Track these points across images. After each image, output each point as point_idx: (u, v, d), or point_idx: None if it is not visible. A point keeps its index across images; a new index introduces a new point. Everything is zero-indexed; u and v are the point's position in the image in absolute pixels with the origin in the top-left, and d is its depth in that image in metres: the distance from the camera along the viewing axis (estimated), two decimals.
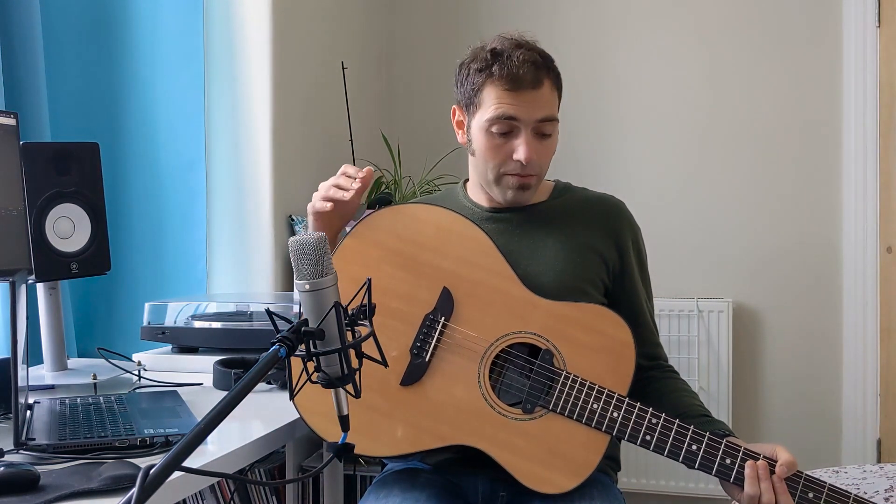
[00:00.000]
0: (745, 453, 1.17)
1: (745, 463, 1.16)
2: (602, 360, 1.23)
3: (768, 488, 1.13)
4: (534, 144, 1.32)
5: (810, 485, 1.14)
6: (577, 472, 1.19)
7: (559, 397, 1.21)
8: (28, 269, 1.40)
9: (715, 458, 1.17)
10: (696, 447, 1.18)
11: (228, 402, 0.79)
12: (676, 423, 1.19)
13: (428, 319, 1.25)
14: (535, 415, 1.21)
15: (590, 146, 2.90)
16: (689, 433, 1.18)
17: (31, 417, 1.18)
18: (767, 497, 1.13)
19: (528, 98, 1.30)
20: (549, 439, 1.20)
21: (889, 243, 2.64)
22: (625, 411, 1.20)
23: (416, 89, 3.04)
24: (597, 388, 1.21)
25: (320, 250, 0.92)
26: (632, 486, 2.72)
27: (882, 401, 2.65)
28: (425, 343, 1.24)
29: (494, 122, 1.32)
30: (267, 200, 2.26)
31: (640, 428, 1.19)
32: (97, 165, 1.57)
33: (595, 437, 1.20)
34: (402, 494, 1.25)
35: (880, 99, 2.62)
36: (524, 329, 1.25)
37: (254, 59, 2.24)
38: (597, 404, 1.20)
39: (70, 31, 1.95)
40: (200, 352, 1.69)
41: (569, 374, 1.22)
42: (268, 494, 2.12)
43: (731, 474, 1.16)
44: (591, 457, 1.20)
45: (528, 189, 1.37)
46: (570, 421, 1.20)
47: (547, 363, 1.23)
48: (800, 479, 1.15)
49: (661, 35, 2.83)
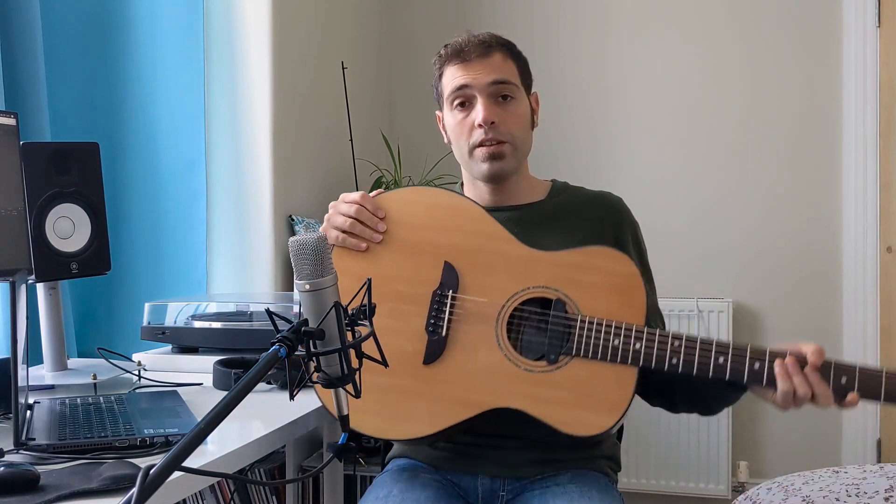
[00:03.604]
0: (772, 354, 1.17)
1: (773, 363, 1.16)
2: (613, 298, 1.24)
3: (801, 382, 1.14)
4: (492, 108, 1.34)
5: (841, 370, 1.14)
6: (612, 409, 1.20)
7: (580, 342, 1.22)
8: (28, 269, 1.40)
9: (743, 365, 1.17)
10: (722, 360, 1.18)
11: (228, 402, 0.79)
12: (699, 340, 1.20)
13: (436, 296, 1.27)
14: (560, 364, 1.22)
15: (590, 146, 2.90)
16: (713, 348, 1.18)
17: (31, 417, 1.18)
18: (803, 390, 1.13)
19: (476, 66, 1.35)
20: (579, 384, 1.21)
21: (889, 243, 2.64)
22: (646, 340, 1.20)
23: (416, 89, 3.04)
24: (614, 324, 1.21)
25: (320, 250, 0.92)
26: (632, 486, 2.72)
27: None
28: (439, 319, 1.26)
29: (452, 97, 1.37)
30: (267, 200, 2.25)
31: (664, 353, 1.19)
32: (97, 165, 1.57)
33: (623, 371, 1.21)
34: (402, 494, 1.25)
35: (880, 99, 2.62)
36: (531, 285, 1.26)
37: (254, 59, 2.24)
38: (617, 340, 1.21)
39: (70, 31, 1.95)
40: (200, 352, 1.69)
41: (584, 318, 1.22)
42: (268, 494, 2.12)
43: (762, 378, 1.16)
44: (623, 392, 1.20)
45: (500, 158, 1.36)
46: (596, 362, 1.21)
47: (560, 312, 1.24)
48: (830, 367, 1.15)
49: (662, 35, 2.83)
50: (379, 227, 1.31)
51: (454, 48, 1.38)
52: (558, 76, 2.90)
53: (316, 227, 2.41)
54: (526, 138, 1.42)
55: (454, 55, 1.37)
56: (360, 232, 1.31)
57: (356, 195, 1.32)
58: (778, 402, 1.16)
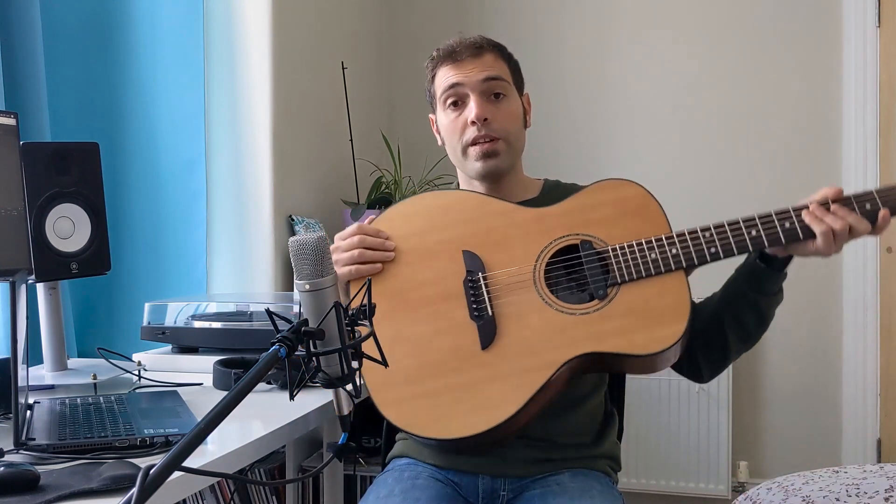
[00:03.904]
0: (796, 209, 1.22)
1: (801, 215, 1.21)
2: (631, 221, 1.27)
3: (833, 219, 1.18)
4: (485, 105, 1.36)
5: (862, 198, 1.20)
6: (678, 315, 1.21)
7: (619, 269, 1.24)
8: (28, 269, 1.40)
9: (776, 229, 1.21)
10: (755, 232, 1.22)
11: (228, 402, 0.79)
12: (726, 223, 1.23)
13: (468, 283, 1.27)
14: (610, 296, 1.23)
15: (590, 146, 2.90)
16: (741, 224, 1.22)
17: (31, 417, 1.18)
18: (838, 225, 1.17)
19: (468, 65, 1.38)
20: (636, 307, 1.22)
21: (889, 243, 2.64)
22: (679, 243, 1.23)
23: (417, 89, 3.02)
24: (644, 241, 1.24)
25: (320, 250, 0.92)
26: (632, 486, 2.72)
27: (882, 401, 2.66)
28: (479, 303, 1.26)
29: (445, 96, 1.40)
30: (267, 200, 2.25)
31: (700, 247, 1.23)
32: (97, 165, 1.57)
33: (671, 279, 1.23)
34: (403, 494, 1.25)
35: (880, 99, 2.62)
36: (552, 239, 1.29)
37: (254, 59, 2.24)
38: (653, 253, 1.23)
39: (70, 31, 1.95)
40: (200, 352, 1.69)
41: (614, 247, 1.25)
42: (268, 494, 2.12)
43: (798, 232, 1.20)
44: (679, 297, 1.22)
45: (494, 156, 1.38)
46: (642, 281, 1.23)
47: (590, 251, 1.26)
48: (850, 199, 1.20)
49: (662, 34, 2.83)
50: (387, 245, 1.30)
51: (446, 50, 1.41)
52: (558, 76, 2.90)
53: (316, 226, 2.41)
54: (519, 136, 1.43)
55: (446, 56, 1.40)
56: (371, 257, 1.30)
57: (351, 228, 1.32)
58: (821, 249, 1.19)
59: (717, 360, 1.36)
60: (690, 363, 1.35)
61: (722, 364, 1.37)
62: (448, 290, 1.27)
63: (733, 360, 1.37)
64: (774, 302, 1.32)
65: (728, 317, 1.31)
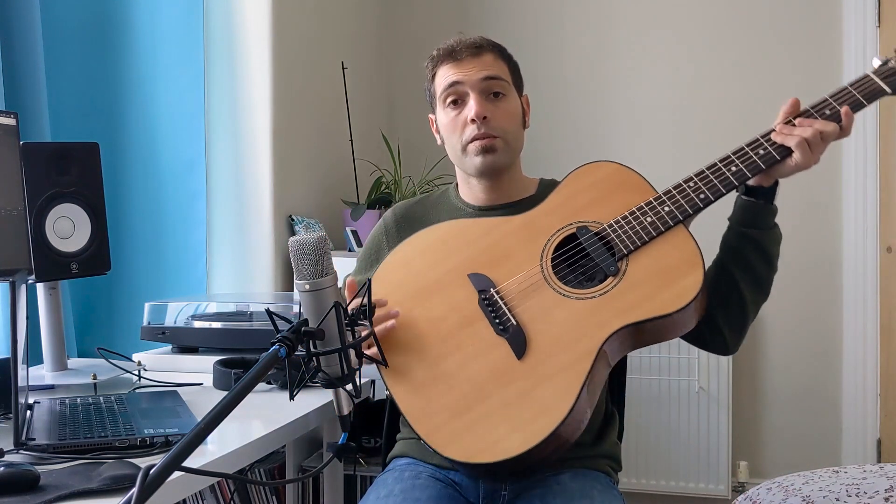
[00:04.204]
0: (764, 135, 1.26)
1: (771, 138, 1.25)
2: (617, 195, 1.30)
3: (803, 130, 1.23)
4: (484, 104, 1.38)
5: (819, 106, 1.27)
6: (693, 264, 1.22)
7: (621, 241, 1.25)
8: (28, 269, 1.40)
9: (752, 157, 1.25)
10: (734, 167, 1.26)
11: (228, 402, 0.79)
12: (705, 168, 1.27)
13: (483, 302, 1.26)
14: (622, 270, 1.24)
15: (589, 146, 2.90)
16: (719, 164, 1.26)
17: (31, 417, 1.18)
18: (809, 133, 1.23)
19: (468, 64, 1.40)
20: (650, 270, 1.23)
21: (889, 243, 2.64)
22: (669, 200, 1.26)
23: (417, 89, 3.01)
24: (635, 209, 1.27)
25: (320, 250, 0.92)
26: (632, 486, 2.72)
27: (882, 401, 2.66)
28: (501, 316, 1.25)
29: (445, 95, 1.41)
30: (267, 200, 2.25)
31: (689, 197, 1.26)
32: (97, 165, 1.57)
33: (673, 235, 1.25)
34: (403, 494, 1.25)
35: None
36: (549, 236, 1.30)
37: (254, 59, 2.24)
38: (648, 217, 1.26)
39: (70, 31, 1.95)
40: (200, 352, 1.69)
41: (610, 223, 1.27)
42: (268, 494, 2.12)
43: (774, 154, 1.25)
44: (687, 248, 1.24)
45: (493, 152, 1.39)
46: (647, 246, 1.25)
47: (588, 234, 1.27)
48: (808, 110, 1.27)
49: (662, 35, 2.83)
50: (391, 312, 1.26)
51: (446, 49, 1.42)
52: (558, 75, 2.90)
53: (316, 226, 2.41)
54: (518, 135, 1.44)
55: (446, 55, 1.42)
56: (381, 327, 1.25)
57: None
58: (800, 162, 1.24)
59: (736, 316, 1.34)
60: (712, 330, 1.34)
61: (742, 322, 1.34)
62: (466, 316, 1.26)
63: (752, 315, 1.35)
64: (773, 237, 1.34)
65: (734, 265, 1.32)
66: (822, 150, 1.25)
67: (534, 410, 1.16)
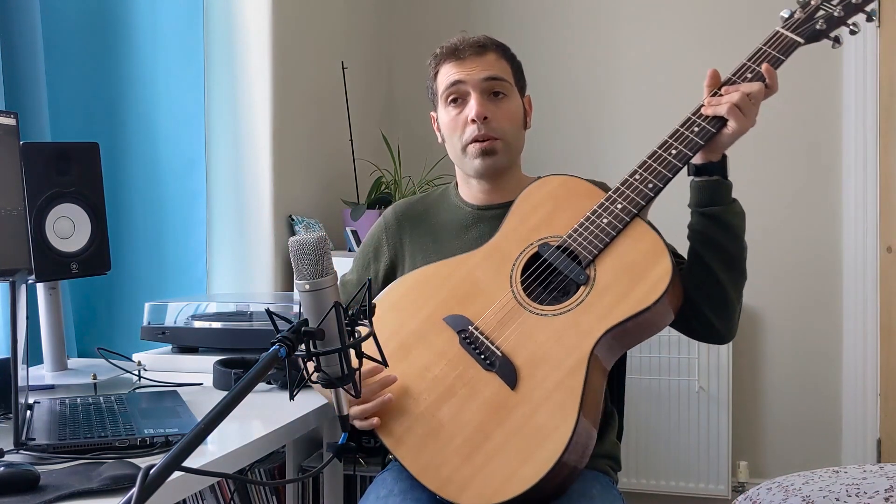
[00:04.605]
0: (695, 112, 1.29)
1: (702, 112, 1.28)
2: (569, 205, 1.31)
3: (730, 97, 1.25)
4: (485, 104, 1.39)
5: (739, 72, 1.30)
6: (658, 252, 1.23)
7: (584, 248, 1.25)
8: (28, 269, 1.40)
9: (689, 136, 1.27)
10: (674, 150, 1.27)
11: (228, 402, 0.79)
12: (646, 157, 1.28)
13: (464, 341, 1.26)
14: (591, 277, 1.24)
15: (589, 147, 2.90)
16: (659, 151, 1.28)
17: (31, 417, 1.18)
18: (737, 98, 1.24)
19: (471, 63, 1.40)
20: (619, 269, 1.23)
21: (889, 243, 2.64)
22: (620, 197, 1.27)
23: (417, 89, 3.01)
24: (589, 214, 1.27)
25: (320, 250, 0.92)
26: (632, 486, 2.72)
27: (882, 401, 2.65)
28: (485, 352, 1.24)
29: (447, 93, 1.42)
30: (267, 200, 2.25)
31: (638, 189, 1.26)
32: (97, 165, 1.57)
33: (632, 230, 1.26)
34: (403, 494, 1.25)
35: (880, 99, 2.62)
36: (513, 261, 1.30)
37: (254, 59, 2.24)
38: (604, 218, 1.26)
39: (70, 31, 1.95)
40: (200, 352, 1.69)
41: (569, 233, 1.27)
42: (268, 494, 2.12)
43: (709, 129, 1.27)
44: (649, 238, 1.25)
45: (492, 155, 1.40)
46: (610, 246, 1.25)
47: (549, 250, 1.28)
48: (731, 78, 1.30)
49: (660, 33, 2.83)
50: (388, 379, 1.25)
51: (449, 48, 1.42)
52: (558, 75, 2.89)
53: (316, 226, 2.41)
54: (518, 136, 1.44)
55: (449, 54, 1.42)
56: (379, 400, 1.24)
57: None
58: (737, 126, 1.25)
59: (718, 299, 1.32)
60: (699, 319, 1.33)
61: (725, 306, 1.33)
62: (451, 360, 1.26)
63: (733, 296, 1.33)
64: (733, 211, 1.33)
65: (702, 248, 1.31)
66: (755, 112, 1.26)
67: (539, 437, 1.14)
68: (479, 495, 1.13)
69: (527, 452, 1.13)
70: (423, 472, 1.18)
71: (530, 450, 1.14)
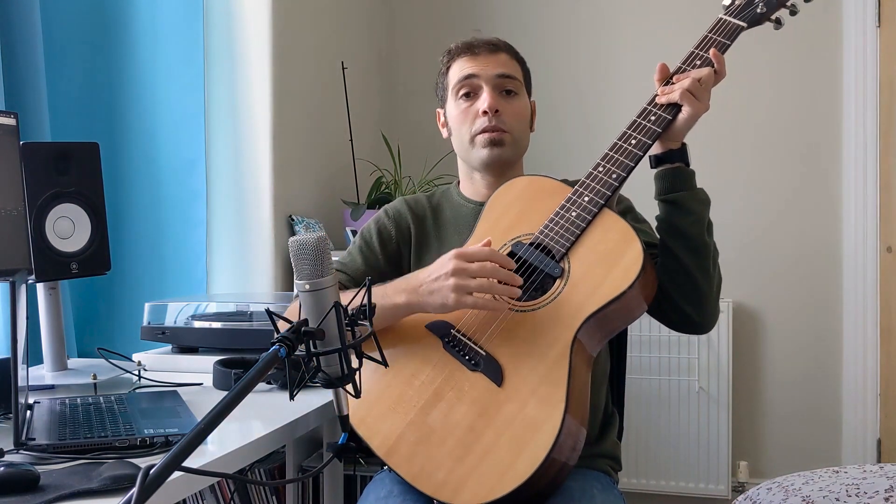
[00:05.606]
0: (650, 102, 1.31)
1: (656, 102, 1.30)
2: (538, 204, 1.32)
3: (682, 84, 1.27)
4: (497, 99, 1.42)
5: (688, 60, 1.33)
6: (627, 241, 1.24)
7: (556, 242, 1.27)
8: (28, 269, 1.40)
9: (646, 125, 1.29)
10: (634, 140, 1.29)
11: (228, 402, 0.79)
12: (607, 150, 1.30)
13: (448, 345, 1.26)
14: (566, 269, 1.25)
15: (589, 147, 2.89)
16: (619, 143, 1.29)
17: (31, 417, 1.18)
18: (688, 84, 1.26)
19: (484, 59, 1.44)
20: (591, 259, 1.25)
21: (889, 243, 2.64)
22: (586, 190, 1.29)
23: (417, 89, 3.03)
24: (558, 209, 1.29)
25: (320, 250, 0.92)
26: (632, 486, 2.72)
27: (882, 401, 2.65)
28: (468, 352, 1.24)
29: (459, 87, 1.45)
30: (267, 200, 2.25)
31: (602, 180, 1.28)
32: (97, 165, 1.57)
33: (601, 220, 1.27)
34: (403, 495, 1.25)
35: (880, 99, 2.62)
36: None
37: (254, 59, 2.24)
38: (573, 211, 1.28)
39: (70, 31, 1.95)
40: (200, 352, 1.69)
41: (540, 230, 1.29)
42: (268, 494, 2.12)
43: (665, 116, 1.28)
44: (617, 227, 1.26)
45: (500, 145, 1.42)
46: (581, 239, 1.26)
47: (522, 248, 1.29)
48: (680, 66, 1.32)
49: (660, 33, 2.83)
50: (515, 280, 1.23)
51: (464, 44, 1.47)
52: (559, 74, 2.89)
53: (316, 226, 2.41)
54: (525, 135, 1.47)
55: (464, 49, 1.47)
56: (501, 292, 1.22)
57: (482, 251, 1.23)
58: (691, 111, 1.27)
59: (686, 286, 1.31)
60: (673, 307, 1.33)
61: (694, 292, 1.32)
62: (437, 364, 1.26)
63: (702, 282, 1.31)
64: (698, 199, 1.32)
65: (668, 235, 1.31)
66: (707, 96, 1.28)
67: (530, 430, 1.15)
68: (474, 495, 1.13)
69: (518, 447, 1.14)
70: (418, 479, 1.18)
71: (522, 444, 1.14)
